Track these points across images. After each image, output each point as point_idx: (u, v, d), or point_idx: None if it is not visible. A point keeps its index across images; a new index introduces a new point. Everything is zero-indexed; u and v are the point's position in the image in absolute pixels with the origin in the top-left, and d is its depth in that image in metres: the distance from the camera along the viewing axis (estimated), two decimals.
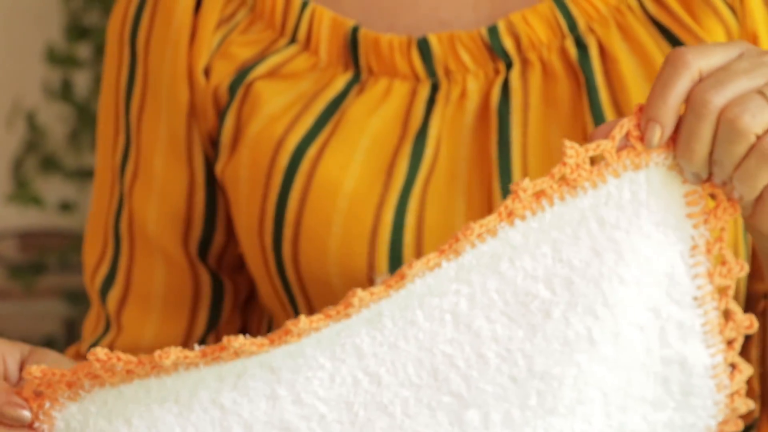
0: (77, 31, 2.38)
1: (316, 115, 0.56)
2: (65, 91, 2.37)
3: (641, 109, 0.46)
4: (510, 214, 0.45)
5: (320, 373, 0.43)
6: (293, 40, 0.57)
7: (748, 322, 0.48)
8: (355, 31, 0.56)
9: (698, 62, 0.44)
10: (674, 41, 0.56)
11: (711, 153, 0.44)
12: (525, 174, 0.54)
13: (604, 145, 0.45)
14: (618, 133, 0.45)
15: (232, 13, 0.58)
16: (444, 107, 0.55)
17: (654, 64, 0.55)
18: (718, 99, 0.43)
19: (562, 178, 0.45)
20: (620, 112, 0.55)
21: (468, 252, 0.45)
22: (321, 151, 0.55)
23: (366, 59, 0.56)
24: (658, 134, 0.44)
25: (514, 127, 0.55)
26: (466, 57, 0.55)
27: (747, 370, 0.49)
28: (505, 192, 0.53)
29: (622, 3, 0.56)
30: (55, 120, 2.38)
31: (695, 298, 0.47)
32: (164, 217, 0.59)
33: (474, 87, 0.56)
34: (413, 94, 0.56)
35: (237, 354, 0.42)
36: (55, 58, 2.38)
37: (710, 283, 0.47)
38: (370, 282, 0.53)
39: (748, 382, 0.52)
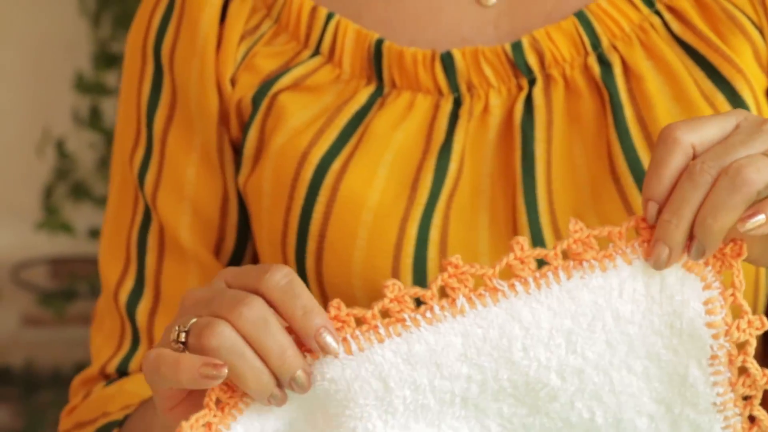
0: (105, 59, 2.42)
1: (340, 129, 0.56)
2: (94, 119, 2.41)
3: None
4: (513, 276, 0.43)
5: None
6: (317, 52, 0.57)
7: (752, 362, 0.44)
8: (379, 43, 0.56)
9: (690, 138, 0.42)
10: (700, 60, 0.56)
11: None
12: (549, 190, 0.54)
13: (611, 229, 0.43)
14: (626, 223, 0.44)
15: (256, 25, 0.58)
16: (467, 122, 0.55)
17: (681, 83, 0.55)
18: (715, 170, 0.41)
19: (566, 252, 0.43)
20: (646, 129, 0.54)
21: (470, 315, 0.43)
22: (345, 165, 0.55)
23: (389, 72, 0.56)
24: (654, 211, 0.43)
25: (537, 143, 0.55)
26: (489, 72, 0.56)
27: (761, 374, 0.45)
28: (530, 209, 0.54)
29: (645, 21, 0.56)
30: (85, 147, 2.41)
31: (714, 404, 0.44)
32: (197, 227, 0.58)
33: (497, 102, 0.56)
34: (436, 108, 0.56)
35: None
36: (84, 86, 2.42)
37: (732, 392, 0.44)
38: None
39: None
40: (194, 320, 0.41)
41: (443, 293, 0.43)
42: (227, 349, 0.40)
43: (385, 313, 0.43)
